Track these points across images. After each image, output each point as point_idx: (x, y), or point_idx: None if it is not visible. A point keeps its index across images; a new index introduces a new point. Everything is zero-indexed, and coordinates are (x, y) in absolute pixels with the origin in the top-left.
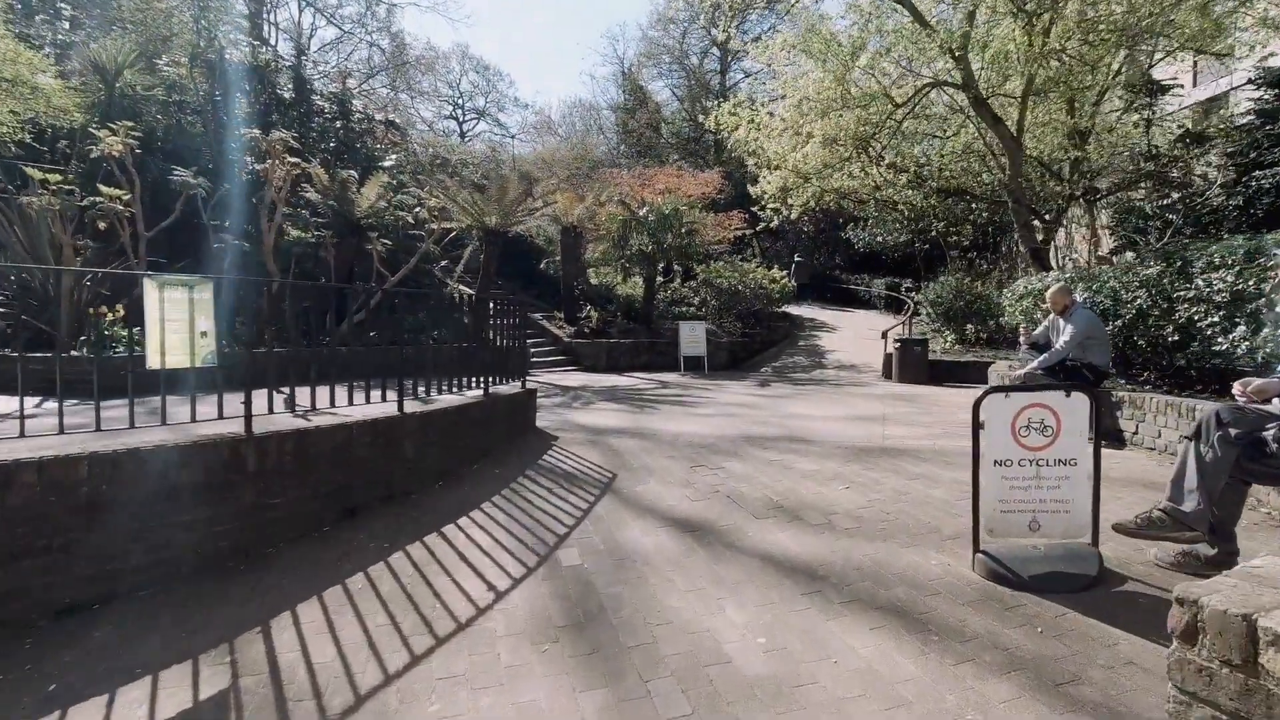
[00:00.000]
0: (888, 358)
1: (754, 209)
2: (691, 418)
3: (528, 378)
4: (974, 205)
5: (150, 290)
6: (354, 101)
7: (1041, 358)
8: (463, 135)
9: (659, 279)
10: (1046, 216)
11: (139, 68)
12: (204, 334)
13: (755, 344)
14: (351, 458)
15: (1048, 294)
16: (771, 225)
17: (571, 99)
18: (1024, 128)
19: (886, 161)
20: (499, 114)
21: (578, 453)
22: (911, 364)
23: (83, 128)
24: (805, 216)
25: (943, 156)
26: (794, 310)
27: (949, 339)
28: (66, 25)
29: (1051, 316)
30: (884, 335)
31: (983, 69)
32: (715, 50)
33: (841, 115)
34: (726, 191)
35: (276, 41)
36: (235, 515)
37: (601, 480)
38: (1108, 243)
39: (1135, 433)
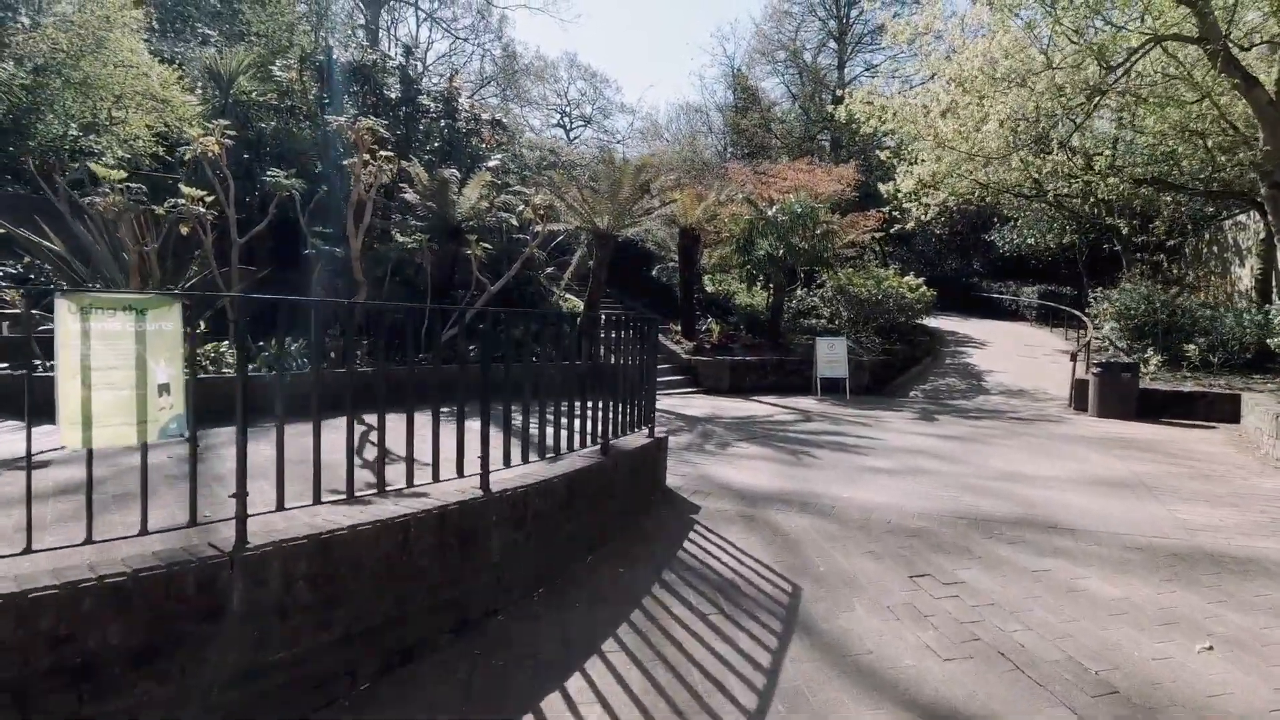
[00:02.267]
0: (1080, 385)
1: (883, 209)
2: (868, 475)
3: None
4: (1169, 197)
5: (65, 317)
6: (460, 99)
7: None
8: (570, 142)
9: (786, 288)
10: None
11: (252, 74)
12: (164, 389)
13: (897, 362)
14: (408, 570)
15: None
16: (908, 227)
17: (679, 102)
18: None
19: (1075, 145)
20: (605, 120)
21: (732, 539)
22: (1117, 394)
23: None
24: (941, 218)
25: (1147, 136)
26: (930, 323)
27: (1154, 361)
28: (199, 41)
29: None
30: (1073, 357)
31: (1228, 13)
32: (832, 44)
33: (1039, 82)
34: (857, 189)
35: (393, 50)
36: (204, 690)
37: (779, 600)
38: None
39: None
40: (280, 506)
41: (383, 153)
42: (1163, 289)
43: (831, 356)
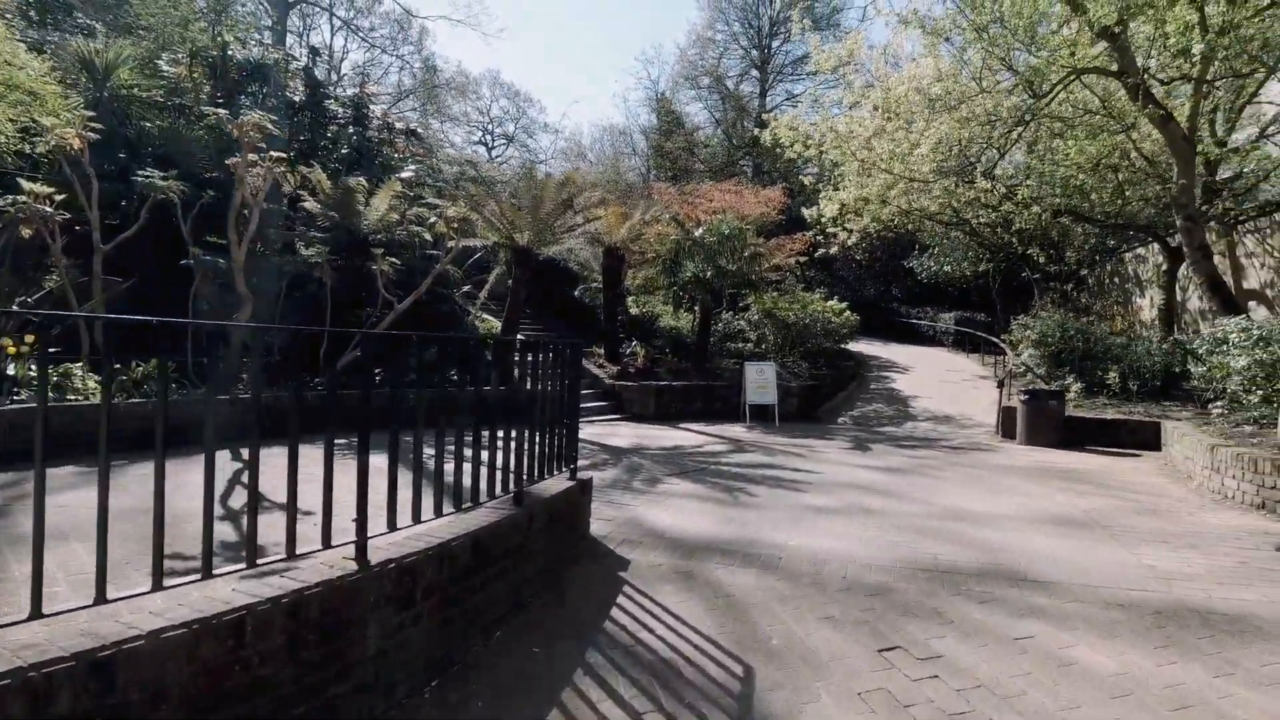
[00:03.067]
0: (1007, 412)
1: (808, 233)
2: (812, 516)
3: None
4: (1080, 229)
5: None
6: (372, 107)
7: None
8: (492, 160)
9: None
10: (1171, 241)
11: (136, 67)
12: None
13: (825, 388)
14: (244, 684)
15: None
16: (831, 252)
17: (603, 124)
18: (1197, 126)
19: (998, 174)
20: (529, 139)
21: (668, 602)
22: (1044, 422)
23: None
24: (861, 244)
25: (1065, 168)
26: (854, 347)
27: (1075, 389)
28: (82, 33)
29: None
30: (999, 384)
31: (1151, 50)
32: (754, 73)
33: (972, 107)
34: (783, 212)
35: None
36: None
37: (729, 688)
38: (1258, 274)
39: None
40: (36, 613)
41: (274, 153)
42: (1074, 318)
43: (760, 382)
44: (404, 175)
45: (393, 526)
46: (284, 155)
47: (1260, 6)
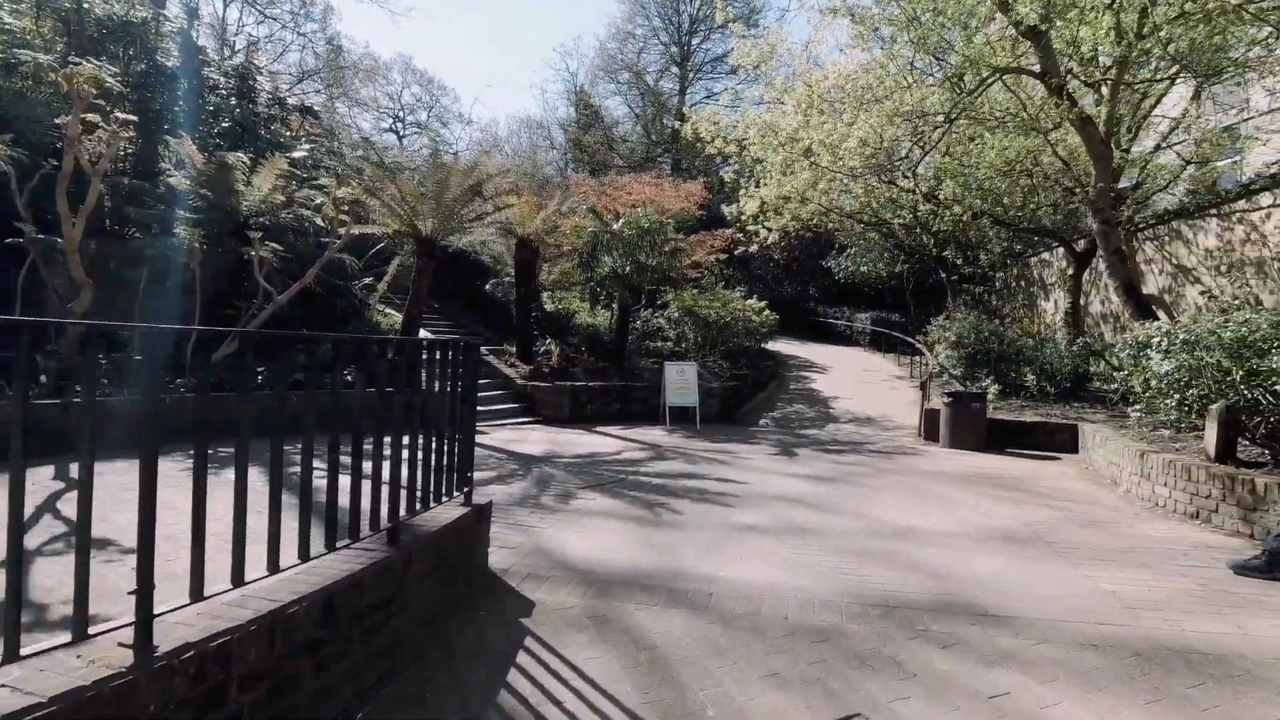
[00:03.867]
0: (930, 414)
1: (729, 230)
2: (743, 537)
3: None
4: (992, 232)
5: None
6: (261, 78)
7: None
8: (403, 148)
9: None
10: (1078, 246)
11: None
12: None
13: (745, 389)
14: None
15: None
16: (751, 250)
17: (519, 116)
18: (1115, 130)
19: (920, 173)
20: (442, 128)
21: (580, 659)
22: (967, 424)
23: None
24: (781, 243)
25: (984, 170)
26: (772, 347)
27: (992, 390)
28: None
29: None
30: (922, 387)
31: (1072, 53)
32: (674, 69)
33: (902, 100)
34: (703, 208)
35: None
36: None
37: None
38: (1156, 280)
39: None
40: None
41: (119, 114)
42: (986, 319)
43: (681, 383)
44: (295, 155)
45: (199, 595)
46: (131, 119)
47: (1181, 10)
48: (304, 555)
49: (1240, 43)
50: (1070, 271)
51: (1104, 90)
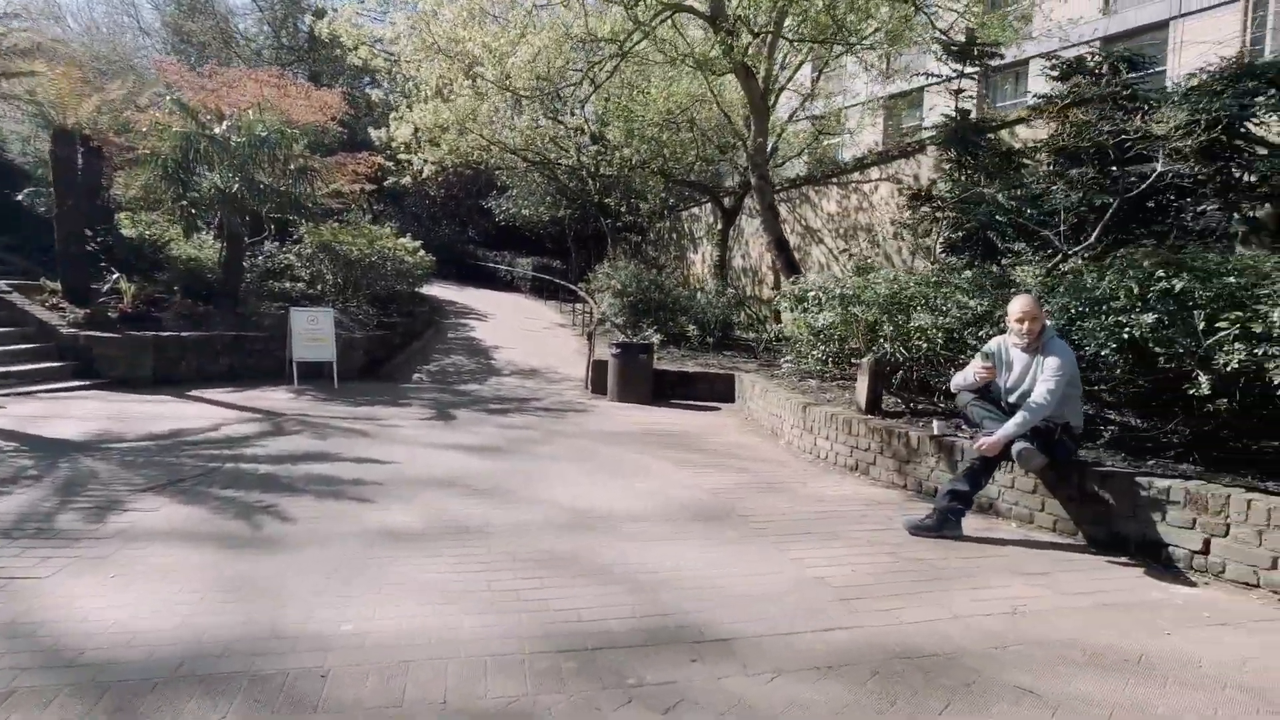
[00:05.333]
0: (598, 365)
1: (377, 154)
2: (385, 551)
3: None
4: (652, 182)
5: None
6: None
7: (1018, 417)
8: None
9: (248, 239)
10: (726, 202)
11: None
12: None
13: (397, 338)
14: None
15: (1019, 307)
16: (403, 182)
17: None
18: (770, 87)
19: (589, 115)
20: None
21: None
22: (636, 376)
23: None
24: (437, 178)
25: (652, 111)
26: (429, 291)
27: (656, 340)
28: None
29: (1006, 343)
30: (589, 337)
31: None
32: None
33: (571, 21)
34: (344, 125)
35: None
36: None
37: None
38: (790, 239)
39: (1203, 552)
40: None
41: None
42: (645, 269)
43: (314, 333)
44: None
45: None
46: None
47: None
48: None
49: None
50: (720, 226)
51: (764, 47)
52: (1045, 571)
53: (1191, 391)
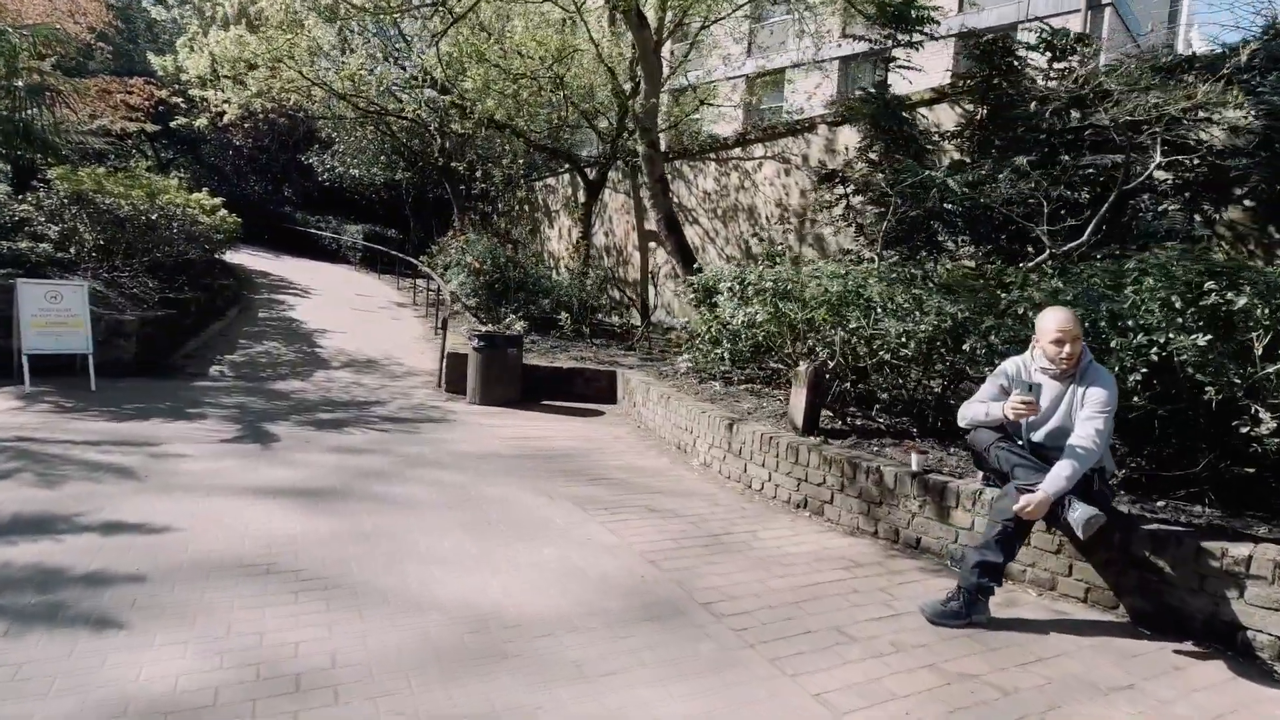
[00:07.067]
0: (454, 360)
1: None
2: None
3: None
4: (508, 145)
5: None
6: None
7: (1065, 468)
8: None
9: None
10: (590, 173)
11: None
12: None
13: (189, 320)
14: None
15: (1056, 324)
16: (197, 124)
17: None
18: (664, 37)
19: (437, 61)
20: None
21: None
22: (503, 374)
23: None
24: (245, 125)
25: (513, 64)
26: (234, 259)
27: (519, 327)
28: None
29: (1028, 366)
30: (443, 325)
31: None
32: None
33: None
34: (106, 40)
35: None
36: None
37: None
38: (655, 218)
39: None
40: None
41: None
42: (498, 243)
43: (55, 314)
44: None
45: None
46: None
47: None
48: None
49: None
50: (583, 199)
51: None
52: (1129, 684)
53: (1245, 430)
